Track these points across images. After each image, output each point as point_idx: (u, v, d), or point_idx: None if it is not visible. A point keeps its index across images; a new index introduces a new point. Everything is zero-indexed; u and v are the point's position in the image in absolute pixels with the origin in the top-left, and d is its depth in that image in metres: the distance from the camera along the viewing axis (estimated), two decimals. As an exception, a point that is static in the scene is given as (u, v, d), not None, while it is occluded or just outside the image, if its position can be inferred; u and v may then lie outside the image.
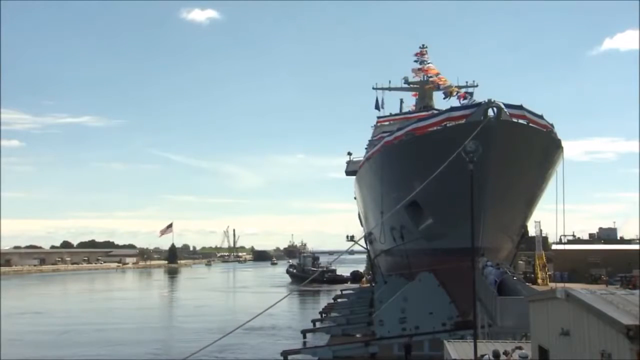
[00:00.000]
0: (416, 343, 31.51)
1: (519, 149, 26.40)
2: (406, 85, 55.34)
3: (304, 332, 38.92)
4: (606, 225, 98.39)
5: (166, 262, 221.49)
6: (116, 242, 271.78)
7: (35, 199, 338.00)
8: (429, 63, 50.91)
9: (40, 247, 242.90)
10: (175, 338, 44.59)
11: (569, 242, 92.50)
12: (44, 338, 45.64)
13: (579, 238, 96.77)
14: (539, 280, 71.73)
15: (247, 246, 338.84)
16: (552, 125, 31.38)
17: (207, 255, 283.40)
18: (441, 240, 28.18)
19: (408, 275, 34.15)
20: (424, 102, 53.30)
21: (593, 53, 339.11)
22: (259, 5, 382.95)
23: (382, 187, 33.99)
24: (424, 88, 52.73)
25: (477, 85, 55.82)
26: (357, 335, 36.32)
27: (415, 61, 53.14)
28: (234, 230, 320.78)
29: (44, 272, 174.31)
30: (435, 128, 28.57)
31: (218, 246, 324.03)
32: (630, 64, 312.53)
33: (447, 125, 27.73)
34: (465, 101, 37.73)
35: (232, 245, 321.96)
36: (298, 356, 31.83)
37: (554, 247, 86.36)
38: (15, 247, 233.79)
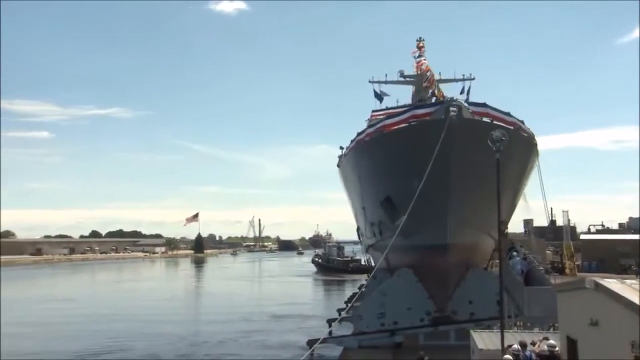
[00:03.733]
0: (442, 332, 31.52)
1: (482, 147, 26.96)
2: (402, 79, 54.89)
3: (330, 322, 39.09)
4: (636, 214, 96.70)
5: (193, 251, 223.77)
6: (143, 232, 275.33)
7: (64, 189, 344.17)
8: (422, 56, 50.65)
9: (69, 237, 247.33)
10: (202, 326, 45.12)
11: (598, 231, 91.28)
12: (73, 324, 46.62)
13: (608, 228, 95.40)
14: (567, 270, 70.94)
15: (273, 236, 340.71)
16: (521, 121, 31.97)
17: (233, 245, 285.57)
18: (415, 237, 28.69)
19: (388, 270, 34.54)
20: (419, 96, 53.57)
21: (623, 40, 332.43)
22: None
23: (360, 184, 34.34)
24: (420, 81, 52.67)
25: (473, 78, 55.04)
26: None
27: (414, 55, 52.85)
28: (259, 220, 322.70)
29: (73, 261, 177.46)
30: (401, 126, 28.83)
31: (244, 236, 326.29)
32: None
33: (411, 123, 27.92)
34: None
35: (257, 235, 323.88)
36: (323, 345, 31.99)
37: (582, 237, 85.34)
38: (46, 237, 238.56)
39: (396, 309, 29.83)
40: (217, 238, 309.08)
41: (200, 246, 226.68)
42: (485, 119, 28.03)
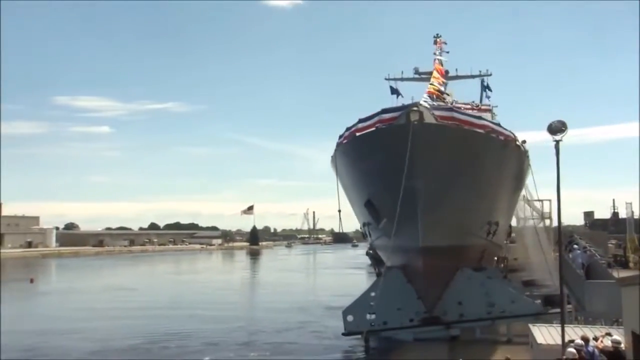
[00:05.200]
0: (499, 326, 31.16)
1: (450, 150, 26.45)
2: (417, 76, 54.00)
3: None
4: None
5: (248, 243, 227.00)
6: (200, 224, 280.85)
7: (123, 183, 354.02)
8: (440, 55, 49.99)
9: (129, 229, 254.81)
10: (259, 315, 45.83)
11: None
12: (134, 311, 48.21)
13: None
14: (631, 264, 68.57)
15: (327, 228, 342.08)
16: (497, 124, 32.04)
17: (288, 237, 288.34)
18: (397, 239, 28.66)
19: (379, 271, 34.55)
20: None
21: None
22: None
23: (344, 186, 34.35)
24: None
25: (490, 74, 54.49)
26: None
27: (436, 52, 52.09)
28: (313, 213, 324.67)
29: (133, 253, 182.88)
30: (368, 130, 28.67)
31: (298, 228, 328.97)
32: None
33: (378, 127, 27.87)
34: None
35: (312, 227, 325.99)
36: (378, 337, 32.02)
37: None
38: (107, 229, 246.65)
39: (386, 309, 29.58)
40: (272, 230, 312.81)
41: (256, 238, 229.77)
42: (452, 123, 27.80)
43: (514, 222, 41.68)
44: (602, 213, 78.71)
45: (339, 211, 34.61)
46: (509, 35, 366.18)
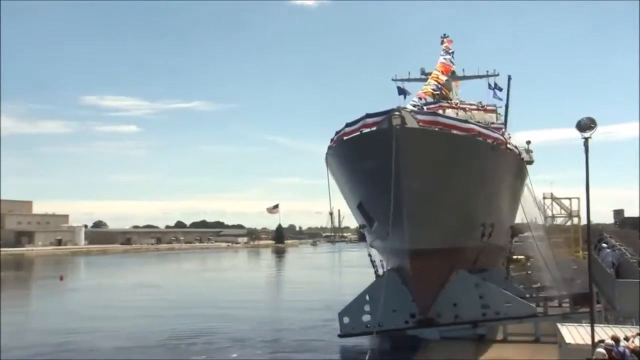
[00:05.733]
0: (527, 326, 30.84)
1: (430, 153, 26.54)
2: (423, 77, 53.16)
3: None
4: None
5: (273, 241, 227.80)
6: (226, 223, 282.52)
7: (150, 181, 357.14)
8: (448, 54, 49.40)
9: (156, 227, 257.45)
10: (284, 312, 46.02)
11: None
12: (162, 308, 48.78)
13: None
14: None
15: (352, 226, 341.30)
16: (486, 126, 32.05)
17: (313, 235, 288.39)
18: (389, 241, 28.76)
19: (377, 271, 34.54)
20: (441, 94, 53.14)
21: None
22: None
23: (341, 187, 34.46)
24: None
25: (497, 74, 54.02)
26: None
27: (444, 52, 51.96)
28: (339, 211, 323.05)
29: (160, 251, 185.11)
30: (353, 135, 28.73)
31: (323, 226, 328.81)
32: None
33: (362, 132, 27.92)
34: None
35: (337, 225, 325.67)
36: (403, 335, 31.93)
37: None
38: (134, 227, 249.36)
39: (381, 311, 29.48)
40: (297, 229, 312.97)
41: (281, 236, 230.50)
42: (435, 128, 27.71)
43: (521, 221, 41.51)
44: (633, 211, 77.31)
45: (330, 214, 34.99)
46: (518, 35, 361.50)
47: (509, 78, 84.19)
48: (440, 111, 45.90)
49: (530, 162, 53.21)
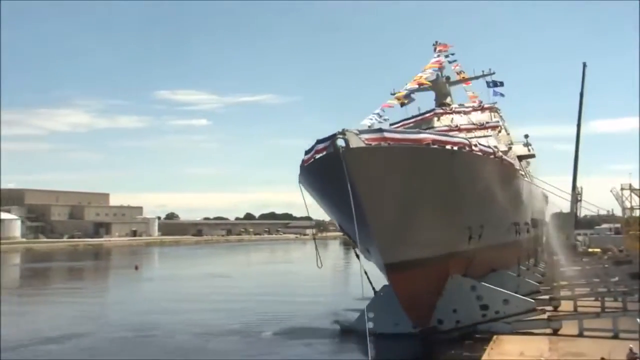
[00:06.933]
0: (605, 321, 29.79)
1: (381, 169, 26.19)
2: (418, 86, 53.75)
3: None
4: None
5: (341, 233, 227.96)
6: (294, 214, 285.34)
7: (220, 174, 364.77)
8: (439, 57, 49.98)
9: (226, 219, 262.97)
10: (352, 304, 46.05)
11: None
12: (232, 296, 50.01)
13: None
14: None
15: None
16: (443, 133, 32.45)
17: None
18: (371, 257, 28.98)
19: (373, 289, 34.28)
20: (439, 100, 52.26)
21: None
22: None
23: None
24: (438, 86, 52.36)
25: (493, 73, 54.09)
26: None
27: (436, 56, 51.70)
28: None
29: (230, 242, 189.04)
30: (310, 162, 28.68)
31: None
32: None
33: (315, 158, 27.69)
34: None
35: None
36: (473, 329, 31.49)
37: None
38: (205, 219, 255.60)
39: (384, 324, 28.53)
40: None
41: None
42: (383, 144, 27.02)
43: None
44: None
45: (313, 234, 35.04)
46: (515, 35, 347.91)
47: (584, 65, 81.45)
48: (435, 118, 46.10)
49: (531, 156, 51.98)
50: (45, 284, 71.28)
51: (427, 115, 47.16)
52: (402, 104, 48.94)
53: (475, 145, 32.00)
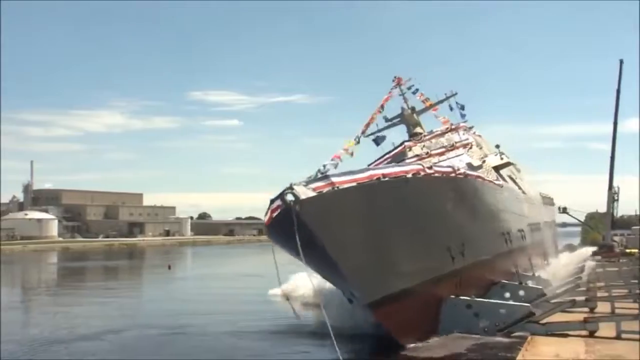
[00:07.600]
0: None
1: (335, 213, 25.93)
2: (389, 123, 53.94)
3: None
4: None
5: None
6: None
7: (252, 174, 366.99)
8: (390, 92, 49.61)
9: (258, 219, 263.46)
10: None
11: None
12: (263, 296, 50.02)
13: None
14: None
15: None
16: (401, 161, 32.62)
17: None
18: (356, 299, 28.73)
19: None
20: (411, 131, 52.15)
21: None
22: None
23: None
24: (405, 118, 52.80)
25: (456, 93, 54.14)
26: None
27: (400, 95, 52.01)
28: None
29: (262, 242, 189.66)
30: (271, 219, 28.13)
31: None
32: None
33: (273, 217, 27.20)
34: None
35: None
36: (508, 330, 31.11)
37: None
38: (237, 218, 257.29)
39: None
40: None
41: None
42: (329, 189, 26.54)
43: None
44: None
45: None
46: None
47: (621, 62, 79.78)
48: (408, 150, 45.37)
49: (507, 164, 51.56)
50: (82, 283, 72.88)
51: (398, 149, 46.70)
52: (377, 144, 50.19)
53: (430, 168, 31.67)
